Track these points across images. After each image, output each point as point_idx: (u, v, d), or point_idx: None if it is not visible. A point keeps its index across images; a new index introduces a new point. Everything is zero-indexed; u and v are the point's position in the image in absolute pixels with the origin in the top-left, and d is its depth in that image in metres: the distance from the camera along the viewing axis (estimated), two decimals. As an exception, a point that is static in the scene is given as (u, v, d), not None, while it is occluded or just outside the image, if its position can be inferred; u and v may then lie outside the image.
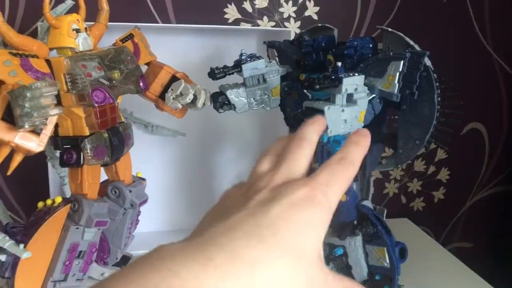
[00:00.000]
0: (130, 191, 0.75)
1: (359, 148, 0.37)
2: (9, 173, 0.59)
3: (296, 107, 0.73)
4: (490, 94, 1.16)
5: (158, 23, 0.98)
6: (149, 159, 0.98)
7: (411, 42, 0.66)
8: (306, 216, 0.29)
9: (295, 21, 1.03)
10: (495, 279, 0.86)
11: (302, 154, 0.35)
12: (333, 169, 0.34)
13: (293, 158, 0.35)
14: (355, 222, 0.71)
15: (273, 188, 0.32)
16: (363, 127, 0.67)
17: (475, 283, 0.86)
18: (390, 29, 0.68)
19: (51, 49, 0.67)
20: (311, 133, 0.38)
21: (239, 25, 1.01)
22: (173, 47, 0.93)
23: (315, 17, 1.04)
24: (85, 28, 0.69)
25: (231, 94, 0.72)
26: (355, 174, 0.34)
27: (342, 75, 0.61)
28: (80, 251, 0.70)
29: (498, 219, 1.27)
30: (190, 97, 0.73)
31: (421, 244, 1.01)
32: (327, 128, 0.61)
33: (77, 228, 0.68)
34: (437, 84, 0.65)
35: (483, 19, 1.10)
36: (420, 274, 0.84)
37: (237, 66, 0.72)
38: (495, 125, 1.19)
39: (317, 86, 0.59)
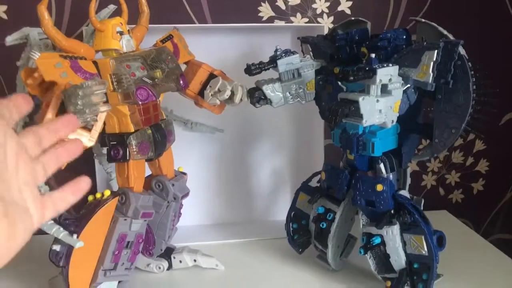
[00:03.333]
0: (173, 184, 0.78)
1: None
2: (62, 167, 0.63)
3: (331, 100, 0.75)
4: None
5: (195, 23, 1.01)
6: (189, 155, 1.01)
7: (445, 32, 0.67)
8: None
9: (328, 17, 1.05)
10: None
11: None
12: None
13: None
14: (392, 211, 0.72)
15: None
16: (398, 117, 0.68)
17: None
18: (423, 20, 0.69)
19: (97, 51, 0.72)
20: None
21: (273, 23, 1.03)
22: (210, 46, 0.96)
23: (348, 11, 1.05)
24: (128, 30, 0.73)
25: (267, 89, 0.75)
26: None
27: (376, 66, 0.63)
28: (128, 242, 0.74)
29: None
30: (227, 93, 0.76)
31: (461, 235, 1.00)
32: (362, 118, 0.63)
33: (125, 219, 0.72)
34: (472, 72, 0.65)
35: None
36: (461, 265, 0.83)
37: (273, 61, 0.74)
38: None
39: (351, 78, 0.61)
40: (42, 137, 0.40)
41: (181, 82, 0.74)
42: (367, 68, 0.62)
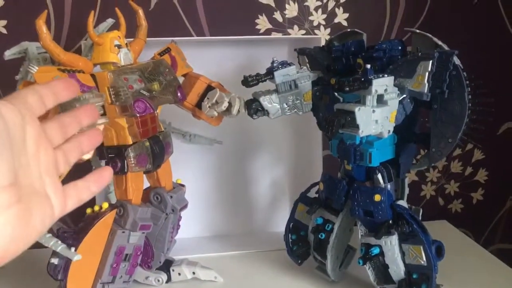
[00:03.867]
0: (171, 196, 0.78)
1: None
2: (60, 179, 0.63)
3: (328, 110, 0.75)
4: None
5: (193, 36, 1.02)
6: (187, 167, 1.01)
7: (439, 42, 0.67)
8: None
9: (325, 28, 1.06)
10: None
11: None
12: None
13: None
14: (390, 221, 0.72)
15: None
16: (395, 127, 0.69)
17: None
18: (418, 31, 0.69)
19: (95, 64, 0.72)
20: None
21: (270, 35, 1.04)
22: (208, 59, 0.97)
23: (345, 23, 1.06)
24: (126, 43, 0.73)
25: (264, 101, 0.75)
26: None
27: (372, 76, 0.63)
28: (126, 254, 0.74)
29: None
30: (225, 105, 0.77)
31: (461, 245, 0.99)
32: (358, 128, 0.63)
33: (123, 232, 0.72)
34: (467, 82, 0.66)
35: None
36: (461, 275, 0.83)
37: (269, 73, 0.75)
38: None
39: (347, 88, 0.62)
40: (65, 125, 0.39)
41: (179, 94, 0.75)
42: (362, 79, 0.63)
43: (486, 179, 1.18)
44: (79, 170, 0.68)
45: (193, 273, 0.85)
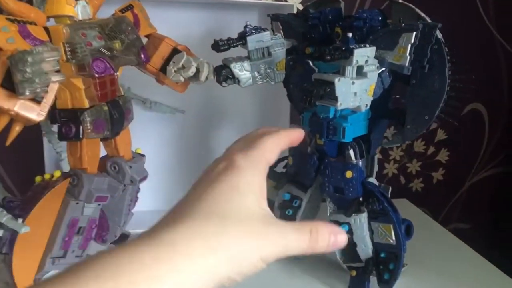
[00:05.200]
0: (130, 166, 0.73)
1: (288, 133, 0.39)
2: (8, 143, 0.56)
3: (302, 81, 0.71)
4: (491, 74, 1.15)
5: (156, -5, 0.95)
6: (147, 136, 0.95)
7: (422, 14, 0.64)
8: (227, 183, 0.33)
9: (297, -4, 1.01)
10: (492, 260, 0.86)
11: (264, 142, 0.37)
12: (254, 141, 0.37)
13: (254, 146, 0.37)
14: (360, 199, 0.70)
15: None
16: (372, 100, 0.66)
17: (475, 261, 0.86)
18: (400, 1, 0.66)
19: (48, 17, 0.64)
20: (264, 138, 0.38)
21: (240, -1, 0.99)
22: (172, 21, 0.90)
23: (318, -8, 1.01)
24: (84, -4, 0.66)
25: (235, 68, 0.70)
26: (279, 145, 0.38)
27: (353, 46, 0.59)
28: (80, 227, 0.68)
29: (496, 200, 1.27)
30: (192, 70, 0.71)
31: (421, 224, 0.99)
32: (336, 100, 0.60)
33: (77, 203, 0.66)
34: (449, 57, 0.63)
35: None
36: (421, 253, 0.83)
37: (242, 38, 0.70)
38: (495, 105, 1.18)
39: (328, 57, 0.58)
40: None
41: (142, 55, 0.69)
42: (343, 48, 0.59)
43: (447, 159, 1.19)
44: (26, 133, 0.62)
45: (151, 247, 0.80)
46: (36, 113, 0.55)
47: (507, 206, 1.26)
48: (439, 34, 0.63)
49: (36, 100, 0.55)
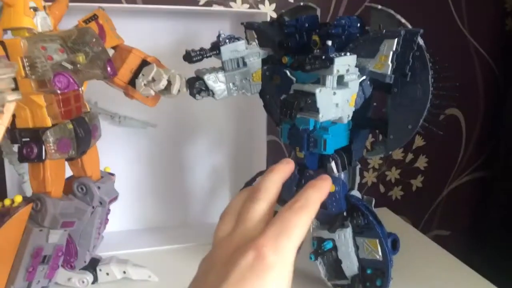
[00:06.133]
0: (99, 187, 0.69)
1: (316, 190, 0.36)
2: None
3: (280, 92, 0.68)
4: (466, 79, 1.14)
5: (122, 3, 0.91)
6: (116, 154, 0.91)
7: (403, 20, 0.62)
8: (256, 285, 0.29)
9: (270, 3, 0.98)
10: (472, 265, 0.85)
11: (256, 211, 0.35)
12: (284, 217, 0.33)
13: (247, 218, 0.35)
14: (344, 213, 0.67)
15: (226, 262, 0.32)
16: (353, 111, 0.63)
17: (456, 268, 0.85)
18: (379, 7, 0.64)
19: (5, 30, 0.60)
20: (269, 182, 0.37)
21: (211, 7, 0.95)
22: (140, 31, 0.86)
23: (291, -1, 0.99)
24: (44, 6, 0.62)
25: (209, 79, 0.67)
26: (311, 219, 0.34)
27: (333, 54, 0.56)
28: (45, 256, 0.63)
29: (474, 205, 1.27)
30: (163, 83, 0.68)
31: (402, 232, 0.97)
32: (318, 112, 0.57)
33: (41, 230, 0.61)
34: (431, 64, 0.61)
35: (459, 2, 1.09)
36: (402, 261, 0.81)
37: (215, 48, 0.66)
38: (472, 110, 1.18)
39: (308, 67, 0.55)
40: None
41: (109, 68, 0.64)
42: (323, 57, 0.56)
43: (426, 166, 1.18)
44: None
45: (124, 272, 0.76)
46: (-10, 136, 0.50)
47: (485, 210, 1.26)
48: (420, 41, 0.61)
49: (-10, 121, 0.50)
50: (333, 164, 0.67)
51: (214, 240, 0.36)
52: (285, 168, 0.39)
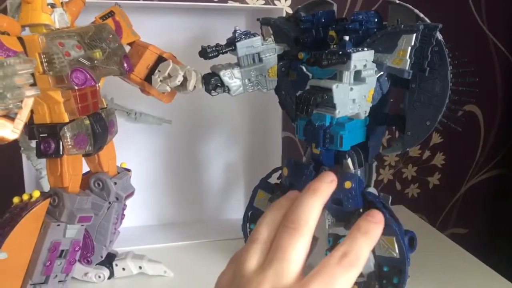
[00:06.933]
0: (115, 183, 0.69)
1: (368, 240, 0.31)
2: None
3: (296, 88, 0.68)
4: (485, 75, 1.13)
5: (139, 0, 0.91)
6: (132, 149, 0.92)
7: (421, 15, 0.61)
8: None
9: (286, -1, 0.98)
10: (490, 264, 0.84)
11: (296, 250, 0.31)
12: (332, 273, 0.29)
13: (285, 258, 0.31)
14: (361, 210, 0.67)
15: None
16: (370, 107, 0.62)
17: (474, 266, 0.84)
18: (397, 1, 0.63)
19: (23, 26, 0.61)
20: (311, 211, 0.33)
21: (226, 3, 0.95)
22: (156, 27, 0.87)
23: (307, -6, 0.98)
24: (61, 3, 0.62)
25: (225, 75, 0.67)
26: (357, 275, 0.30)
27: (350, 50, 0.56)
28: (62, 250, 0.64)
29: (492, 203, 1.25)
30: (179, 79, 0.68)
31: (419, 230, 0.97)
32: (334, 108, 0.56)
33: (58, 225, 0.62)
34: (450, 59, 0.60)
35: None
36: (419, 259, 0.80)
37: (231, 44, 0.66)
38: (490, 107, 1.16)
39: (325, 62, 0.54)
40: None
41: (125, 64, 0.65)
42: (340, 53, 0.56)
43: (443, 163, 1.17)
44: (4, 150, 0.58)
45: (140, 267, 0.77)
46: (9, 131, 0.51)
47: (504, 208, 1.24)
48: (439, 36, 0.60)
49: (10, 116, 0.51)
50: (349, 161, 0.67)
51: (239, 270, 0.33)
52: (329, 190, 0.34)
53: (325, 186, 0.34)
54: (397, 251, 0.65)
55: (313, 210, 0.33)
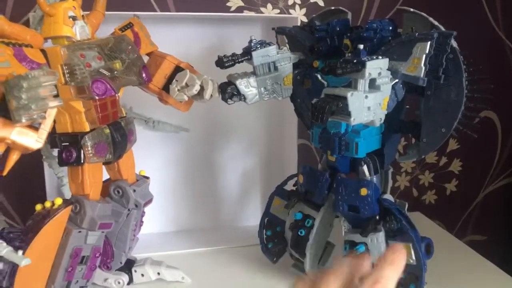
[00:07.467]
0: (134, 190, 0.71)
1: (395, 269, 0.34)
2: (5, 173, 0.54)
3: (310, 96, 0.69)
4: (502, 81, 1.12)
5: (156, 11, 0.93)
6: (151, 157, 0.93)
7: (436, 23, 0.61)
8: None
9: (301, 8, 0.99)
10: (509, 271, 0.83)
11: None
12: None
13: None
14: (377, 217, 0.67)
15: None
16: (386, 114, 0.63)
17: (493, 274, 0.83)
18: (412, 10, 0.63)
19: (45, 39, 0.62)
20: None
21: (242, 13, 0.96)
22: (173, 37, 0.88)
23: (321, 3, 0.99)
24: (82, 15, 0.64)
25: (241, 84, 0.68)
26: None
27: (365, 58, 0.57)
28: (83, 256, 0.65)
29: (511, 210, 1.23)
30: (196, 88, 0.69)
31: (436, 237, 0.96)
32: (350, 116, 0.57)
33: (80, 231, 0.63)
34: (465, 66, 0.60)
35: (494, 4, 1.07)
36: (437, 267, 0.80)
37: (247, 53, 0.67)
38: (507, 113, 1.15)
39: (340, 71, 0.55)
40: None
41: (144, 75, 0.66)
42: (355, 61, 0.56)
43: (460, 170, 1.16)
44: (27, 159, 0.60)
45: (158, 273, 0.77)
46: (33, 141, 0.53)
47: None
48: (454, 43, 0.60)
49: (34, 126, 0.52)
50: (365, 168, 0.67)
51: None
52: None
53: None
54: (413, 257, 0.65)
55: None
